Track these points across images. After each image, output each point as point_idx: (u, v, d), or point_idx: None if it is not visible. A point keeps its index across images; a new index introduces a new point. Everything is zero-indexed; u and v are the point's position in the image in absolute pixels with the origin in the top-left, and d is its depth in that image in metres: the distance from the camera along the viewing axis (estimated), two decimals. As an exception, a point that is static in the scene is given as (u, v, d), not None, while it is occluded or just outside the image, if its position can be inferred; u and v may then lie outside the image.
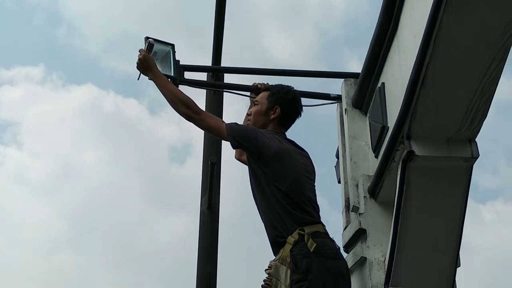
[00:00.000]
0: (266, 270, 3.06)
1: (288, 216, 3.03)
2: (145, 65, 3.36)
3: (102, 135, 18.54)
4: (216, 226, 5.52)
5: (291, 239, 2.96)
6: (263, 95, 3.52)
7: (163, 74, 3.47)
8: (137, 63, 3.37)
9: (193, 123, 3.23)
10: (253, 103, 3.66)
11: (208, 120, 3.26)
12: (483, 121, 2.70)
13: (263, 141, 3.17)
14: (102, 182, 17.20)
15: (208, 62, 5.53)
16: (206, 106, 5.77)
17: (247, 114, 3.65)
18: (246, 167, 3.39)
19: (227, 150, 5.69)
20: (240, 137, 3.18)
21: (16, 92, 18.84)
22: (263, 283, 3.03)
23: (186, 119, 3.22)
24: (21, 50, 19.59)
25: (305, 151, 3.41)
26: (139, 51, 3.40)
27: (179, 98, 3.23)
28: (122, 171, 17.42)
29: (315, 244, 2.90)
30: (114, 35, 18.77)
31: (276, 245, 3.05)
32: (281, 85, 3.59)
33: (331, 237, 3.10)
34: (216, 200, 5.54)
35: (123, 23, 18.09)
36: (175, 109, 3.23)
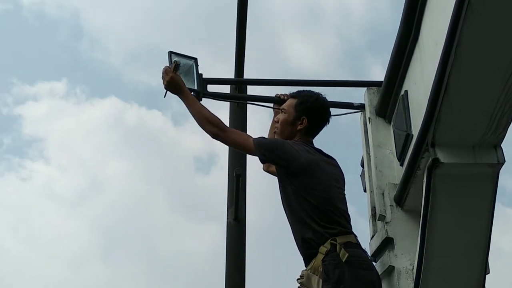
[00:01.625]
0: (297, 279, 3.07)
1: (319, 228, 3.02)
2: (174, 86, 3.37)
3: (126, 147, 18.67)
4: (243, 237, 5.54)
5: (323, 249, 2.96)
6: (290, 103, 3.47)
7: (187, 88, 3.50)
8: (165, 84, 3.38)
9: (220, 141, 3.26)
10: (279, 111, 3.66)
11: (234, 137, 3.28)
12: (508, 126, 2.68)
13: (292, 153, 3.16)
14: (129, 194, 17.33)
15: (229, 69, 5.56)
16: (230, 118, 5.80)
17: (275, 121, 3.63)
18: (271, 177, 3.39)
19: (252, 161, 5.70)
20: (268, 151, 3.17)
21: (40, 107, 19.04)
22: None
23: (213, 137, 3.24)
24: (44, 65, 19.84)
25: (333, 159, 3.38)
26: (166, 71, 3.40)
27: (206, 117, 3.25)
28: (147, 183, 17.53)
29: (347, 254, 2.89)
30: (136, 47, 18.90)
31: (308, 256, 3.05)
32: (309, 92, 3.52)
33: (363, 247, 3.10)
34: (243, 211, 5.56)
35: (145, 35, 18.21)
36: (201, 128, 3.26)
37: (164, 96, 3.41)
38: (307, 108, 3.40)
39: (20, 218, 17.17)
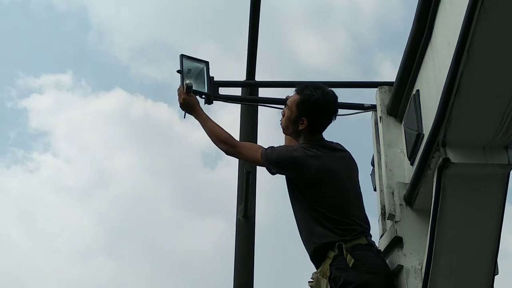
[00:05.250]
0: (309, 282, 3.16)
1: (329, 233, 3.07)
2: (187, 107, 3.58)
3: (133, 140, 18.60)
4: (252, 235, 5.55)
5: (331, 253, 3.03)
6: (293, 99, 3.36)
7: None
8: (180, 105, 3.59)
9: (232, 156, 3.46)
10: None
11: (244, 152, 3.42)
12: (520, 127, 2.68)
13: (301, 164, 3.17)
14: (135, 188, 17.28)
15: (239, 63, 5.61)
16: (241, 118, 5.82)
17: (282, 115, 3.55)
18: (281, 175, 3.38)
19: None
20: (276, 166, 3.27)
21: (46, 100, 18.97)
22: None
23: (226, 153, 3.41)
24: (49, 58, 19.74)
25: (345, 151, 3.40)
26: (179, 92, 3.59)
27: (217, 135, 3.41)
28: (154, 177, 17.50)
29: (353, 260, 2.96)
30: (144, 41, 18.88)
31: (317, 259, 3.12)
32: (312, 89, 3.33)
33: (377, 247, 3.17)
34: (252, 208, 5.57)
35: (153, 29, 18.20)
36: (215, 144, 3.43)
37: (184, 117, 3.62)
38: (308, 109, 3.30)
39: (26, 211, 17.20)
